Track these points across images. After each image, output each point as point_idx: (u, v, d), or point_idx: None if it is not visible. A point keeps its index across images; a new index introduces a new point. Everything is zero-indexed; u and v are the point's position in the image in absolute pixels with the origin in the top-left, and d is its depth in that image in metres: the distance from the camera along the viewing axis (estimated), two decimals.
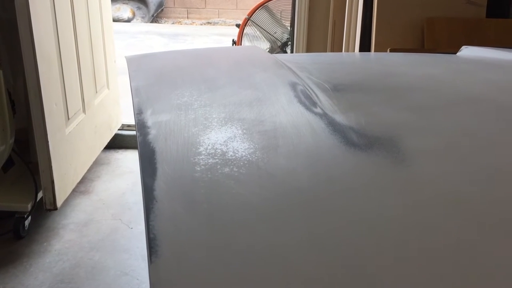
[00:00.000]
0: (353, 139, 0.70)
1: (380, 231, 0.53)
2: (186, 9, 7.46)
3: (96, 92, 2.61)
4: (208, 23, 7.39)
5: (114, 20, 6.27)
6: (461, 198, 0.58)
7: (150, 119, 0.77)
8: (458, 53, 1.38)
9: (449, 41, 2.12)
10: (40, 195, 2.14)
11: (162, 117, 0.78)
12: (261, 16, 3.67)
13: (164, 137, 0.71)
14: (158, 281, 0.46)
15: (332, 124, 0.74)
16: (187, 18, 7.48)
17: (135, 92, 0.90)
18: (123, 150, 3.00)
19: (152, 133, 0.72)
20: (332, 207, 0.57)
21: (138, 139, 0.71)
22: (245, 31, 3.73)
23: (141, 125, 0.75)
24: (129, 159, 2.89)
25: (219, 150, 0.66)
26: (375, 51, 2.15)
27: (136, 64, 1.12)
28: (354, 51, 2.31)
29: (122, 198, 2.50)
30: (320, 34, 2.58)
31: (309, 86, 0.92)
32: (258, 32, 3.70)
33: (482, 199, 0.58)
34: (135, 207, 2.41)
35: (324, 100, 0.84)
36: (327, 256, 0.49)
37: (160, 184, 0.59)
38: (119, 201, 2.47)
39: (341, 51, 2.43)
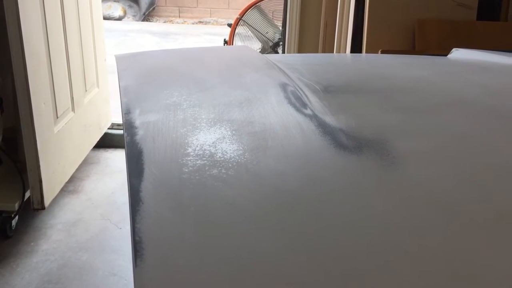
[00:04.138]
0: (343, 141, 0.69)
1: (369, 233, 0.52)
2: (178, 8, 7.43)
3: (86, 90, 2.59)
4: (200, 22, 7.37)
5: (105, 18, 6.24)
6: (451, 200, 0.58)
7: (138, 119, 0.76)
8: (448, 55, 1.38)
9: (439, 43, 2.12)
10: (27, 194, 2.11)
11: (151, 117, 0.77)
12: (253, 16, 3.66)
13: (152, 137, 0.70)
14: (143, 285, 0.45)
15: (322, 126, 0.74)
16: (179, 17, 7.45)
17: (124, 92, 0.89)
18: (112, 149, 2.98)
19: (140, 133, 0.71)
20: (320, 209, 0.56)
21: (126, 139, 0.70)
22: (236, 31, 3.72)
23: (129, 125, 0.74)
24: (119, 158, 2.87)
25: (207, 152, 0.65)
26: (366, 52, 2.15)
27: (125, 63, 1.11)
28: (345, 51, 2.31)
29: (111, 197, 2.48)
30: (312, 34, 2.58)
31: (299, 87, 0.91)
32: (249, 32, 3.69)
33: (471, 202, 0.58)
34: (124, 207, 2.39)
35: (314, 102, 0.84)
36: (315, 258, 0.49)
37: (147, 186, 0.58)
38: (108, 200, 2.45)
39: (333, 51, 2.43)
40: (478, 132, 0.77)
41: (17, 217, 2.13)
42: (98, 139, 2.81)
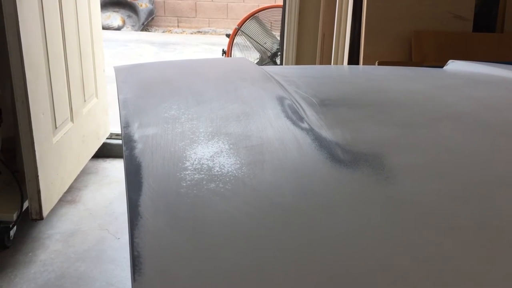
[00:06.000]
0: (339, 155, 0.70)
1: (363, 248, 0.53)
2: (176, 18, 7.47)
3: (85, 101, 2.60)
4: (199, 32, 7.40)
5: (104, 28, 6.27)
6: (445, 215, 0.59)
7: (137, 133, 0.77)
8: (444, 67, 1.39)
9: (436, 54, 2.14)
10: (26, 204, 2.12)
11: (149, 130, 0.78)
12: (251, 27, 3.69)
13: (150, 151, 0.71)
14: None
15: (318, 140, 0.75)
16: (178, 27, 7.48)
17: (123, 105, 0.90)
18: (111, 159, 2.98)
19: (139, 147, 0.72)
20: (316, 223, 0.57)
21: (125, 153, 0.71)
22: (235, 41, 3.75)
23: (128, 139, 0.75)
24: (117, 168, 2.88)
25: (205, 165, 0.66)
26: (363, 63, 2.16)
27: (124, 75, 1.12)
28: (343, 63, 2.33)
29: (109, 207, 2.48)
30: (310, 45, 2.59)
31: (296, 101, 0.92)
32: (248, 42, 3.72)
33: (466, 217, 0.59)
34: (122, 217, 2.39)
35: (311, 115, 0.85)
36: (310, 272, 0.49)
37: (145, 200, 0.59)
38: (106, 211, 2.45)
39: (330, 62, 2.44)
40: (473, 146, 0.78)
41: (15, 227, 2.13)
42: (96, 149, 2.81)
